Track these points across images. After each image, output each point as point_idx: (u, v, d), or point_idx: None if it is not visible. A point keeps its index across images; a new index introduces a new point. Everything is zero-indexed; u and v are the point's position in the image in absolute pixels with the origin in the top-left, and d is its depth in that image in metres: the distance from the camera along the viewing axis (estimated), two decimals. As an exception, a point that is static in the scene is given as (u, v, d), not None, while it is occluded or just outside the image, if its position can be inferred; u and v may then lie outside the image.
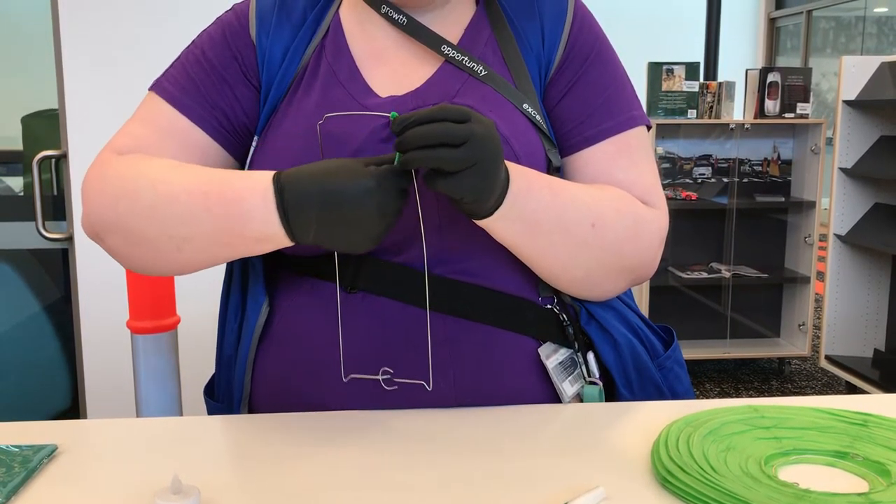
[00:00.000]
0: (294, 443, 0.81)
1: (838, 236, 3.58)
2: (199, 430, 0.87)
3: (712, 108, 3.74)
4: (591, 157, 0.94)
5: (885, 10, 8.56)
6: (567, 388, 0.92)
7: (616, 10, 8.44)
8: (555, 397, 0.92)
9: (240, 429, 0.88)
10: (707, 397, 3.57)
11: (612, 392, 0.95)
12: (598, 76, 0.96)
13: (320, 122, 0.87)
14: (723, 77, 4.22)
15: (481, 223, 0.84)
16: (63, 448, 0.80)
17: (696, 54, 4.83)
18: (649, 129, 0.99)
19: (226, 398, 0.97)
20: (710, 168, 3.85)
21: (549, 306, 0.94)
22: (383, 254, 0.89)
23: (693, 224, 3.92)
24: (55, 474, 0.75)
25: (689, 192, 3.83)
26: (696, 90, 3.71)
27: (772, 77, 3.68)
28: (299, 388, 0.91)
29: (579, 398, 0.94)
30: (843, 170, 3.54)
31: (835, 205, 3.59)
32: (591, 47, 0.97)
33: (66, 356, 2.47)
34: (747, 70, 3.82)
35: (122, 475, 0.75)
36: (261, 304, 0.93)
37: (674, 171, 3.84)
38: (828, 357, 3.68)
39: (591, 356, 0.94)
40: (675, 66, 3.69)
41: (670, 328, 1.04)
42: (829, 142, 3.65)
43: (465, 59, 0.93)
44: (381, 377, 0.87)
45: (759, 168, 3.88)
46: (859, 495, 0.67)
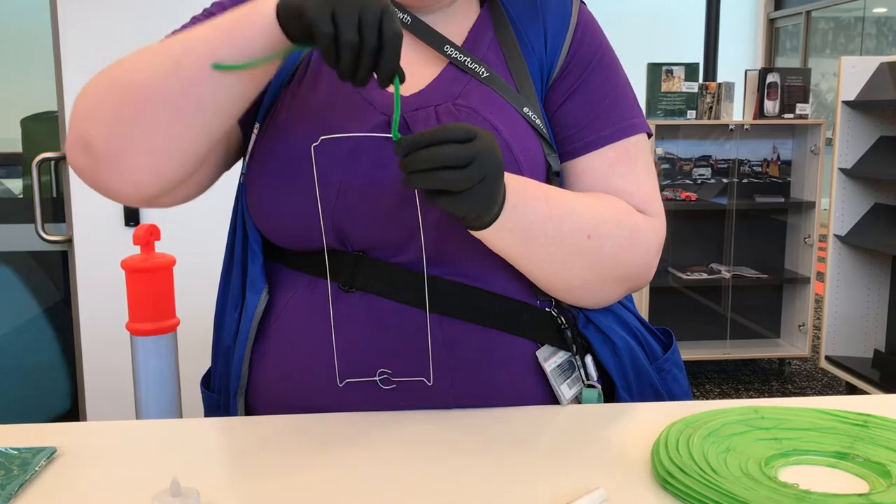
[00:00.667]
0: (293, 445, 0.81)
1: (838, 237, 3.58)
2: (198, 433, 0.87)
3: (712, 108, 3.74)
4: (591, 163, 0.94)
5: (884, 10, 8.57)
6: (565, 390, 0.92)
7: (615, 11, 8.44)
8: (553, 400, 0.92)
9: (239, 431, 0.88)
10: (707, 398, 3.57)
11: (611, 395, 0.96)
12: (599, 82, 0.96)
13: (315, 144, 0.86)
14: (722, 78, 4.23)
15: (478, 234, 0.84)
16: (62, 450, 0.80)
17: (696, 55, 4.83)
18: (650, 136, 0.99)
19: (223, 389, 0.97)
20: (709, 169, 3.85)
21: (547, 309, 0.94)
22: (381, 254, 0.89)
23: (693, 225, 3.92)
24: (54, 477, 0.75)
25: (688, 193, 3.83)
26: (696, 91, 3.71)
27: (771, 78, 3.68)
28: (296, 385, 0.91)
29: (578, 401, 0.94)
30: (842, 170, 3.54)
31: (834, 205, 3.59)
32: (594, 53, 0.97)
33: (66, 358, 2.47)
34: (746, 71, 3.82)
35: (121, 477, 0.75)
36: (260, 292, 0.93)
37: (673, 171, 3.84)
38: (828, 358, 3.68)
39: (589, 359, 0.94)
40: (674, 67, 3.69)
41: (669, 331, 1.04)
42: (829, 142, 3.65)
43: (468, 60, 0.93)
44: (377, 378, 0.87)
45: (759, 169, 3.88)
46: (860, 496, 0.67)
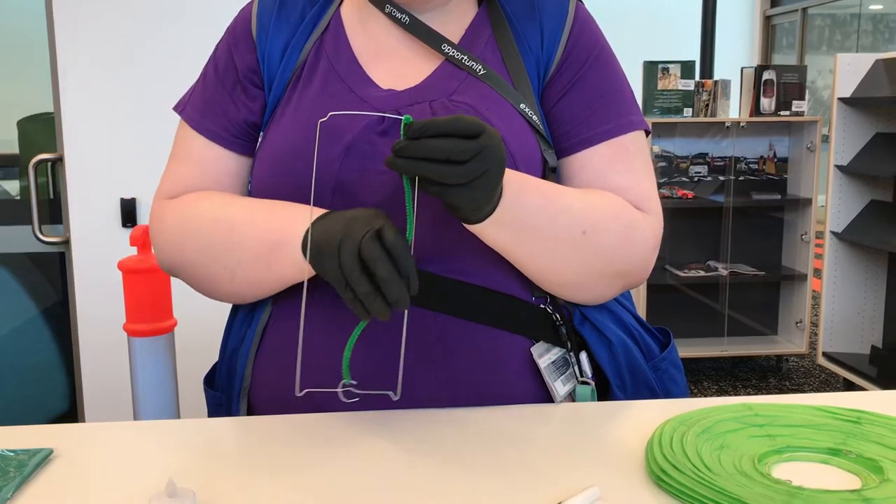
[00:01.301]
0: (290, 445, 0.82)
1: (835, 234, 3.59)
2: (195, 433, 0.87)
3: (708, 106, 3.75)
4: (588, 160, 0.94)
5: (879, 7, 8.58)
6: (559, 387, 0.92)
7: (611, 9, 8.44)
8: (547, 396, 0.93)
9: (236, 431, 0.88)
10: (705, 395, 3.58)
11: (606, 392, 0.96)
12: (596, 79, 0.96)
13: (323, 120, 0.87)
14: (719, 75, 4.23)
15: (472, 228, 0.84)
16: (59, 452, 0.80)
17: (692, 53, 4.83)
18: (648, 134, 0.99)
19: (225, 389, 0.98)
20: (706, 167, 3.86)
21: (542, 306, 0.94)
22: None
23: (690, 223, 3.92)
24: (50, 478, 0.75)
25: (685, 191, 3.83)
26: (692, 89, 3.71)
27: (767, 75, 3.69)
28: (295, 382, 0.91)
29: (571, 398, 0.94)
30: (838, 167, 3.54)
31: (831, 202, 3.59)
32: (591, 50, 0.97)
33: (64, 360, 2.47)
34: (742, 68, 3.82)
35: (118, 479, 0.75)
36: (266, 302, 0.95)
37: (670, 169, 3.84)
38: (825, 354, 3.68)
39: (583, 356, 0.94)
40: (670, 65, 3.70)
41: (667, 330, 1.04)
42: (825, 139, 3.65)
43: (465, 58, 0.93)
44: (340, 390, 0.83)
45: (756, 166, 3.89)
46: (852, 492, 0.68)
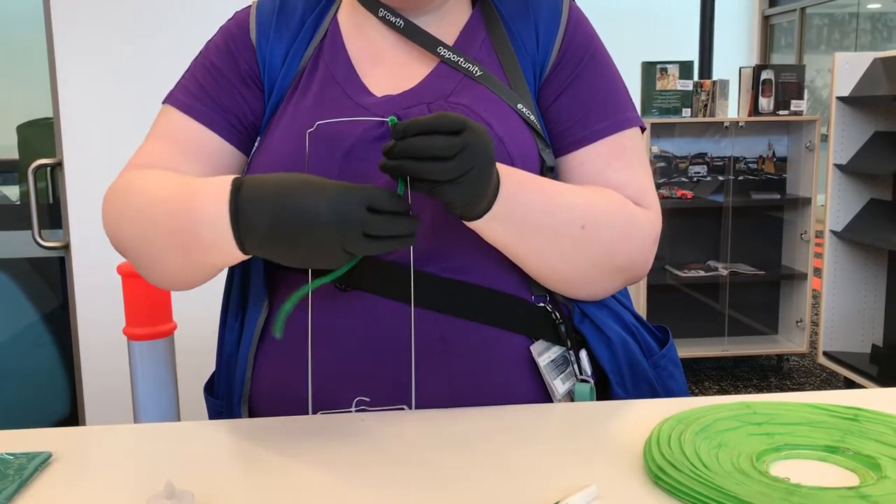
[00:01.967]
0: (288, 446, 0.82)
1: (834, 233, 3.59)
2: (194, 435, 0.87)
3: (707, 106, 3.75)
4: (585, 158, 0.95)
5: (878, 6, 8.58)
6: (558, 385, 0.92)
7: (610, 10, 8.46)
8: (546, 395, 0.93)
9: (235, 433, 0.88)
10: (706, 395, 3.57)
11: (606, 390, 0.96)
12: (592, 78, 0.97)
13: (310, 130, 0.88)
14: (718, 75, 4.23)
15: (472, 224, 0.84)
16: (58, 455, 0.81)
17: (691, 53, 4.84)
18: (643, 130, 1.00)
19: (226, 396, 0.98)
20: (705, 166, 3.86)
21: (541, 304, 0.94)
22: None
23: (689, 223, 3.92)
24: (49, 481, 0.75)
25: (684, 191, 3.83)
26: (691, 89, 3.72)
27: (765, 75, 3.69)
28: (297, 385, 0.91)
29: (571, 396, 0.94)
30: (837, 166, 3.54)
31: (830, 201, 3.59)
32: (586, 49, 0.97)
33: (65, 364, 2.47)
34: (741, 68, 3.82)
35: (117, 481, 0.75)
36: (262, 303, 0.94)
37: (669, 170, 3.84)
38: (826, 353, 3.68)
39: (583, 354, 0.94)
40: (668, 66, 3.70)
41: (666, 328, 1.04)
42: (824, 138, 3.66)
43: (461, 60, 0.94)
44: (354, 409, 0.83)
45: (755, 166, 3.89)
46: (849, 489, 0.68)
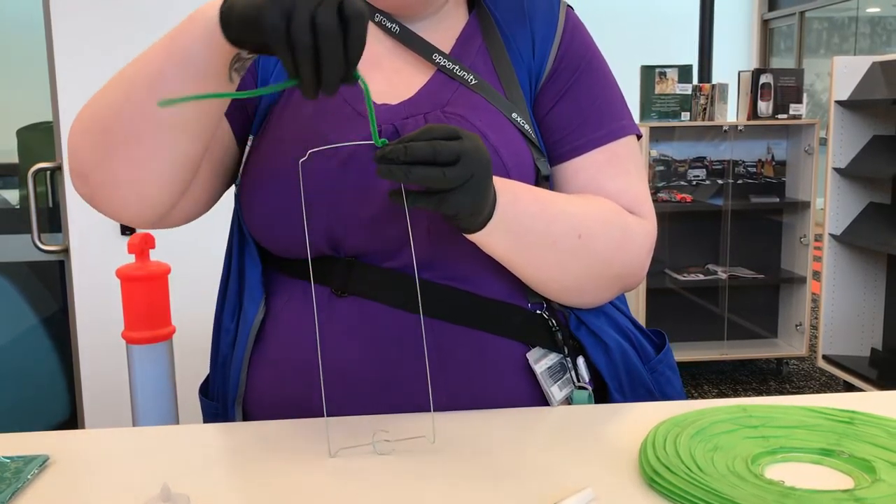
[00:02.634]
0: (286, 449, 0.82)
1: (833, 236, 3.59)
2: (191, 439, 0.87)
3: (705, 110, 3.75)
4: (581, 166, 0.95)
5: (877, 10, 8.59)
6: (556, 392, 0.92)
7: (608, 14, 8.46)
8: (544, 402, 0.93)
9: (231, 436, 0.88)
10: (705, 399, 3.57)
11: (604, 397, 0.96)
12: (588, 86, 0.97)
13: (302, 160, 0.84)
14: (717, 79, 4.24)
15: (472, 237, 0.85)
16: (55, 458, 0.81)
17: (690, 57, 4.84)
18: (639, 138, 1.00)
19: (220, 398, 0.98)
20: (704, 170, 3.86)
21: (538, 312, 0.94)
22: (373, 259, 0.90)
23: (689, 226, 3.93)
24: (46, 485, 0.75)
25: (683, 195, 3.84)
26: (690, 93, 3.72)
27: (764, 78, 3.70)
28: (293, 390, 0.92)
29: (568, 403, 0.94)
30: (836, 170, 3.55)
31: (829, 205, 3.60)
32: (582, 57, 0.97)
33: (64, 367, 2.48)
34: (740, 72, 3.83)
35: (113, 484, 0.75)
36: (258, 303, 0.94)
37: (668, 173, 3.85)
38: (825, 357, 3.68)
39: (580, 361, 0.95)
40: (667, 69, 3.70)
41: (662, 332, 1.04)
42: (823, 142, 3.66)
43: (456, 67, 0.93)
44: (374, 441, 0.81)
45: (754, 169, 3.89)
46: (844, 492, 0.68)
